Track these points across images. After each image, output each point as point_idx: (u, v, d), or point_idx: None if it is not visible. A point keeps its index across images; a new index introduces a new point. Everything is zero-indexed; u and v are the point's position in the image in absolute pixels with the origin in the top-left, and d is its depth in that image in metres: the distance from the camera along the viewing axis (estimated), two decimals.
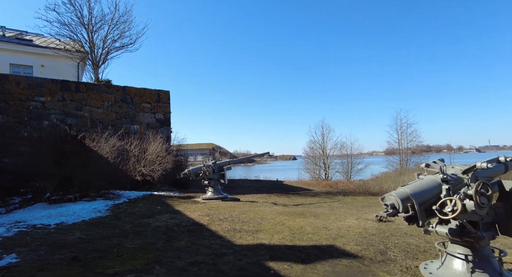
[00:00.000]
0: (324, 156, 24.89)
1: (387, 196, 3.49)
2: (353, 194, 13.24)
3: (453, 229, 3.35)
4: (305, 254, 4.40)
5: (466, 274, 3.27)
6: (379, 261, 4.12)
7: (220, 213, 7.41)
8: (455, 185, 3.39)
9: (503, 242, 4.78)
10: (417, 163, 18.05)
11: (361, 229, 5.73)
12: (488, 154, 6.94)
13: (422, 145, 41.74)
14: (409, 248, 4.64)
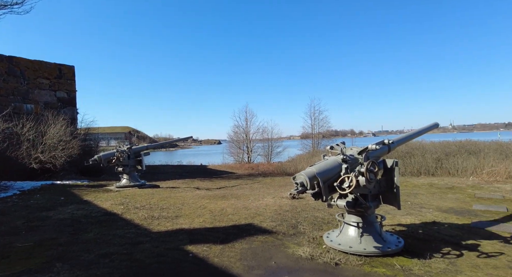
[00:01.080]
0: (247, 140, 25.72)
1: (298, 175, 3.84)
2: (272, 175, 14.16)
3: (350, 202, 3.93)
4: (225, 234, 4.55)
5: (357, 238, 3.91)
6: (291, 235, 4.56)
7: (137, 201, 6.98)
8: (352, 164, 3.94)
9: (385, 209, 5.87)
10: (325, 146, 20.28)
11: (277, 207, 6.22)
12: (380, 138, 8.65)
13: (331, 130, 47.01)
14: (316, 221, 5.26)
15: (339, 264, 3.46)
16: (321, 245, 4.09)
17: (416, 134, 5.30)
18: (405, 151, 12.79)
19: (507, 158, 10.35)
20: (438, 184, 8.78)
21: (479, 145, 12.96)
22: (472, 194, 7.25)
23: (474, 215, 5.43)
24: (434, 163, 11.65)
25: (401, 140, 4.85)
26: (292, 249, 3.92)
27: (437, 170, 11.37)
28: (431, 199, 6.84)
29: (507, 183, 8.41)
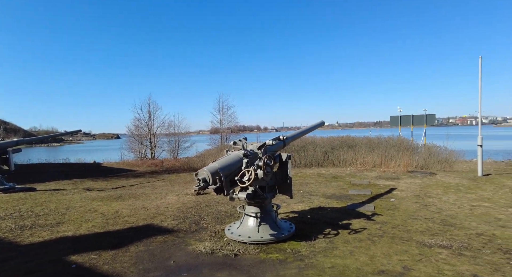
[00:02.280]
0: (150, 135, 23.99)
1: (200, 171, 3.81)
2: (178, 171, 13.65)
3: (249, 194, 4.13)
4: (119, 238, 4.13)
5: (255, 228, 4.16)
6: (193, 231, 4.50)
7: (0, 210, 5.63)
8: (252, 159, 4.16)
9: (281, 198, 6.45)
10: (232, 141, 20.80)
11: (180, 204, 6.05)
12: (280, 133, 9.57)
13: (239, 125, 48.63)
14: (219, 215, 5.35)
15: (238, 255, 3.61)
16: (223, 238, 4.19)
17: (306, 131, 5.98)
18: (300, 145, 14.32)
19: (373, 150, 12.85)
20: (325, 173, 10.21)
21: (355, 140, 15.64)
22: (349, 181, 8.72)
23: (349, 199, 6.53)
24: (323, 156, 13.46)
25: (294, 135, 5.39)
26: (193, 246, 3.87)
27: (325, 162, 13.17)
28: (318, 187, 7.89)
29: (373, 170, 10.46)
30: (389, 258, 3.45)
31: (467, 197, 6.46)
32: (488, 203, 5.88)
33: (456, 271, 3.09)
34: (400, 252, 3.61)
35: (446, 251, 3.60)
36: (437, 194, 6.83)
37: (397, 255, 3.52)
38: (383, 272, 3.11)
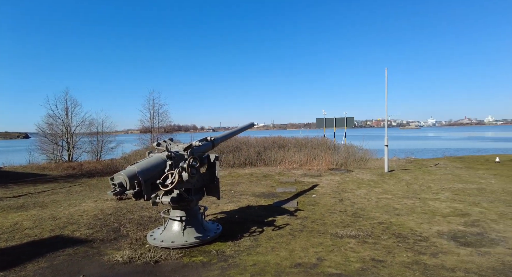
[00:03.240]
0: (68, 134, 21.23)
1: (116, 175, 3.53)
2: (100, 174, 12.39)
3: (174, 197, 3.99)
4: (13, 256, 3.54)
5: (180, 232, 4.04)
6: (110, 240, 4.14)
7: None
8: (177, 161, 4.02)
9: (212, 199, 6.41)
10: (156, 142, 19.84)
11: (98, 211, 5.50)
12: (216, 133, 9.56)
13: (174, 125, 46.51)
14: (142, 220, 5.03)
15: (159, 261, 3.45)
16: (145, 245, 3.95)
17: (236, 132, 6.06)
18: (235, 145, 14.48)
19: (300, 150, 13.76)
20: (257, 173, 10.52)
21: (286, 140, 16.53)
22: (278, 179, 9.15)
23: (276, 197, 6.86)
24: (256, 155, 13.85)
25: (223, 136, 5.42)
26: (109, 256, 3.56)
27: (258, 161, 13.57)
28: (249, 186, 8.08)
29: (300, 169, 11.20)
30: (306, 251, 3.73)
31: (375, 190, 7.41)
32: (390, 195, 6.85)
33: (360, 257, 3.51)
34: (316, 245, 3.93)
35: (354, 240, 4.06)
36: (352, 189, 7.67)
37: (313, 248, 3.83)
38: (299, 264, 3.34)
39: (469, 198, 6.39)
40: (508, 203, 5.90)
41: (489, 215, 5.06)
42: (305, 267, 3.26)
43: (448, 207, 5.70)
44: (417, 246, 3.81)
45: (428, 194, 6.84)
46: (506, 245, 3.77)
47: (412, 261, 3.37)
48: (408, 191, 7.21)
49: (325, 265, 3.31)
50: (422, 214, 5.25)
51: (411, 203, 6.04)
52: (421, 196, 6.70)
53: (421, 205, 5.85)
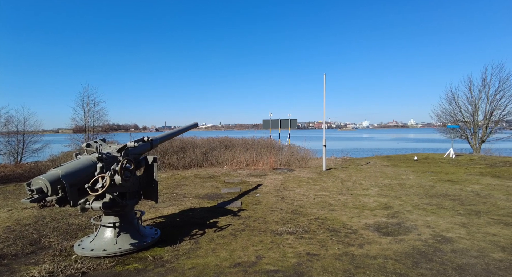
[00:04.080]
0: None
1: (35, 180, 3.14)
2: (19, 180, 10.81)
3: (106, 203, 3.69)
4: None
5: (113, 239, 3.75)
6: (26, 254, 3.65)
7: None
8: (110, 163, 3.73)
9: (151, 203, 6.11)
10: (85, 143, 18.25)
11: (12, 222, 4.79)
12: (159, 133, 9.12)
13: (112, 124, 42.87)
14: (69, 229, 4.55)
15: (87, 273, 3.15)
16: (71, 256, 3.58)
17: (178, 132, 5.87)
18: (180, 146, 14.00)
19: (247, 150, 13.94)
20: (202, 174, 10.33)
21: (233, 141, 16.58)
22: (223, 180, 9.12)
23: (221, 197, 6.83)
24: (202, 156, 13.60)
25: (163, 137, 5.19)
26: (22, 273, 3.13)
27: (204, 162, 13.34)
28: (193, 188, 7.90)
29: (245, 169, 11.34)
30: (246, 250, 3.78)
31: (313, 188, 7.88)
32: (326, 192, 7.36)
33: (296, 252, 3.69)
34: (256, 243, 4.02)
35: (292, 236, 4.26)
36: (293, 187, 8.03)
37: (253, 246, 3.90)
38: (239, 264, 3.38)
39: (392, 192, 7.21)
40: (420, 195, 6.81)
41: (406, 207, 5.77)
42: (244, 266, 3.31)
43: (375, 201, 6.33)
44: (347, 239, 4.15)
45: (360, 190, 7.52)
46: (417, 231, 4.34)
47: (342, 253, 3.66)
48: (342, 188, 7.83)
49: (263, 263, 3.40)
50: (353, 209, 5.75)
51: (344, 199, 6.56)
52: (353, 192, 7.33)
53: (353, 200, 6.41)
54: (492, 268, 3.18)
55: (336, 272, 3.15)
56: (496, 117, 20.35)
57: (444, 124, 22.96)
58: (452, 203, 6.04)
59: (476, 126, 20.98)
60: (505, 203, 5.99)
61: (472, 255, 3.52)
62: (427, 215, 5.20)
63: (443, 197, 6.59)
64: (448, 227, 4.53)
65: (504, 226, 4.55)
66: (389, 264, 3.32)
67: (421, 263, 3.31)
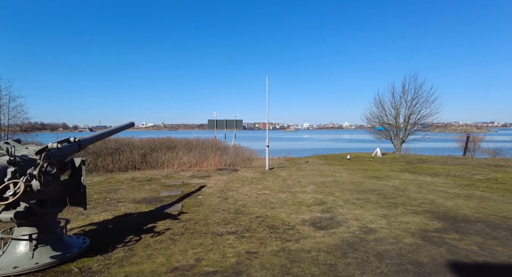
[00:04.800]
0: None
1: None
2: None
3: (20, 212, 3.23)
4: None
5: (28, 253, 3.30)
6: None
7: None
8: (26, 167, 3.27)
9: (80, 210, 5.54)
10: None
11: None
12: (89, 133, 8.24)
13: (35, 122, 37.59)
14: None
15: None
16: None
17: (111, 132, 5.44)
18: (115, 147, 12.97)
19: (191, 151, 13.59)
20: (140, 177, 9.74)
21: (176, 141, 15.98)
22: (164, 183, 8.74)
23: (160, 201, 6.53)
24: (140, 158, 12.81)
25: (94, 137, 4.76)
26: None
27: (143, 164, 12.58)
28: (129, 193, 7.39)
29: (189, 170, 11.05)
30: (185, 253, 3.69)
31: (256, 187, 8.06)
32: (268, 190, 7.59)
33: (236, 252, 3.73)
34: (196, 246, 3.95)
35: (233, 236, 4.29)
36: (237, 187, 8.10)
37: (193, 249, 3.83)
38: (176, 268, 3.28)
39: (327, 189, 7.77)
40: (351, 191, 7.49)
41: (338, 202, 6.29)
42: (182, 270, 3.22)
43: (311, 198, 6.75)
44: (285, 235, 4.35)
45: (298, 188, 7.93)
46: (346, 224, 4.77)
47: (280, 249, 3.81)
48: (283, 186, 8.17)
49: (202, 265, 3.36)
50: (292, 206, 6.04)
51: (284, 197, 6.86)
52: (292, 189, 7.70)
53: (292, 198, 6.73)
54: (403, 252, 3.66)
55: (273, 268, 3.28)
56: (413, 120, 23.49)
57: (372, 126, 25.64)
58: (377, 197, 6.77)
59: (398, 128, 23.90)
60: (417, 195, 6.95)
61: (389, 242, 4.00)
62: (356, 209, 5.74)
63: (370, 192, 7.35)
64: (372, 219, 5.06)
65: (415, 215, 5.28)
66: (321, 256, 3.58)
67: (349, 253, 3.64)
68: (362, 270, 3.20)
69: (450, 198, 6.60)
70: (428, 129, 24.31)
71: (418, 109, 23.15)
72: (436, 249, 3.73)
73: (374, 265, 3.31)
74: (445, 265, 3.29)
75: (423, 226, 4.64)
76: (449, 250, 3.70)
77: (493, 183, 8.58)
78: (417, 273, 3.12)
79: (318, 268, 3.27)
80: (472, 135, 23.93)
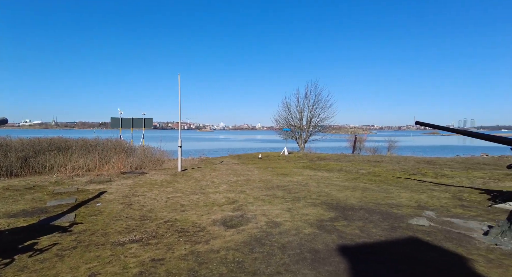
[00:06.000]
0: None
1: None
2: None
3: None
4: None
5: None
6: None
7: None
8: None
9: None
10: None
11: None
12: None
13: None
14: None
15: None
16: None
17: None
18: None
19: (89, 153, 11.94)
20: (18, 185, 7.99)
21: (70, 142, 13.75)
22: (52, 190, 7.40)
23: (46, 212, 5.49)
24: (20, 162, 10.55)
25: None
26: None
27: (23, 170, 10.39)
28: (1, 205, 5.98)
29: (86, 175, 9.66)
30: (76, 270, 3.19)
31: (166, 190, 7.64)
32: (179, 193, 7.31)
33: (140, 261, 3.43)
34: (91, 259, 3.46)
35: (136, 245, 3.94)
36: (144, 191, 7.50)
37: (87, 264, 3.34)
38: None
39: (239, 187, 7.99)
40: (261, 188, 7.90)
41: (249, 200, 6.53)
42: None
43: (224, 197, 6.81)
44: (195, 237, 4.24)
45: (212, 188, 7.90)
46: (255, 220, 4.99)
47: (188, 252, 3.70)
48: (196, 187, 7.99)
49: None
50: (204, 207, 5.96)
51: (197, 198, 6.72)
52: (205, 190, 7.62)
53: (204, 199, 6.65)
54: (303, 241, 4.05)
55: (180, 273, 3.15)
56: (314, 122, 26.47)
57: (281, 128, 27.74)
58: (283, 192, 7.32)
59: (301, 129, 26.51)
60: (316, 189, 7.83)
61: (292, 233, 4.37)
62: (264, 205, 6.06)
63: (277, 188, 7.89)
64: (278, 213, 5.44)
65: (314, 207, 5.93)
66: (230, 254, 3.63)
67: (256, 248, 3.81)
68: (268, 263, 3.39)
69: (341, 190, 7.67)
70: (326, 130, 27.81)
71: (318, 113, 26.26)
72: (329, 236, 4.26)
73: (278, 257, 3.55)
74: (336, 250, 3.78)
75: (320, 216, 5.25)
76: (339, 236, 4.27)
77: (372, 176, 10.40)
78: (314, 259, 3.49)
79: (226, 267, 3.30)
80: (359, 136, 28.54)
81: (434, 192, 7.48)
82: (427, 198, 6.77)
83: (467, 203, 6.35)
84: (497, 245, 3.89)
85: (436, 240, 4.08)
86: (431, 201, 6.53)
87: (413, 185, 8.58)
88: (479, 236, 4.24)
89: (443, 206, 6.05)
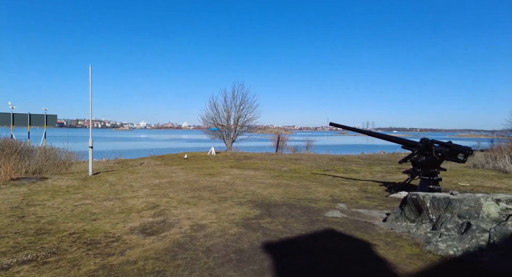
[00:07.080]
0: None
1: None
2: None
3: None
4: None
5: None
6: None
7: None
8: None
9: None
10: None
11: None
12: None
13: None
14: None
15: None
16: None
17: None
18: None
19: None
20: None
21: None
22: None
23: None
24: None
25: None
26: None
27: None
28: None
29: None
30: None
31: (73, 197, 6.62)
32: (90, 200, 6.42)
33: None
34: None
35: (28, 266, 3.25)
36: (43, 200, 6.34)
37: None
38: None
39: (162, 191, 7.48)
40: (186, 190, 7.56)
41: (172, 203, 6.16)
42: None
43: (144, 202, 6.26)
44: (108, 249, 3.75)
45: (129, 193, 7.18)
46: (178, 225, 4.71)
47: (99, 267, 3.23)
48: (110, 193, 7.15)
49: None
50: (119, 214, 5.35)
51: (111, 205, 6.00)
52: (122, 195, 6.88)
53: (120, 205, 5.99)
54: (229, 242, 3.99)
55: None
56: (241, 122, 26.92)
57: (208, 127, 27.33)
58: (209, 193, 7.15)
59: (229, 129, 26.64)
60: (242, 188, 7.91)
61: (217, 235, 4.26)
62: (189, 208, 5.79)
63: (203, 189, 7.67)
64: (204, 215, 5.26)
65: (240, 206, 5.95)
66: (149, 264, 3.31)
67: (179, 255, 3.57)
68: (191, 269, 3.20)
69: (266, 188, 7.93)
70: (252, 130, 28.60)
71: (245, 113, 26.79)
72: (254, 234, 4.30)
73: (203, 261, 3.40)
74: (261, 247, 3.83)
75: (246, 215, 5.28)
76: (263, 233, 4.36)
77: (293, 172, 11.10)
78: (239, 260, 3.46)
79: None
80: (282, 136, 30.27)
81: (345, 186, 8.39)
82: (339, 192, 7.54)
83: (370, 195, 7.31)
84: (392, 229, 4.55)
85: (348, 230, 4.53)
86: (343, 194, 7.29)
87: (328, 180, 9.47)
88: (380, 223, 4.90)
89: (353, 199, 6.82)
